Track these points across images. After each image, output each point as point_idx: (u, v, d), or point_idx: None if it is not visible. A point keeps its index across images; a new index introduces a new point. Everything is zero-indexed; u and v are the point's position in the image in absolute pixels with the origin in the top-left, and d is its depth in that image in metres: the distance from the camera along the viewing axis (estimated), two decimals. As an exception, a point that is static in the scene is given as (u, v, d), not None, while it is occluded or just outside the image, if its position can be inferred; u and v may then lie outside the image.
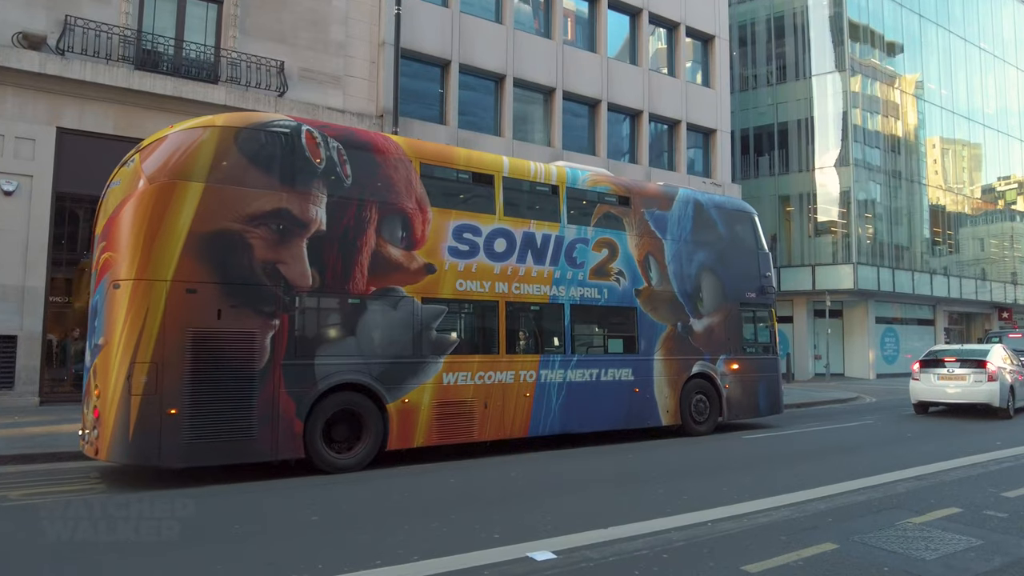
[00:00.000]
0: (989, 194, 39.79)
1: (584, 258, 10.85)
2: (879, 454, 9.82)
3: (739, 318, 12.79)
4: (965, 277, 34.39)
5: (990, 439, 11.11)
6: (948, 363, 14.59)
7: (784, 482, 7.65)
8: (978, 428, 12.78)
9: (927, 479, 7.90)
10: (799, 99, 30.05)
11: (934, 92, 34.91)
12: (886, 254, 29.85)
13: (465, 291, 9.61)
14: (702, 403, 12.00)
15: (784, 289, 29.33)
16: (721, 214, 12.95)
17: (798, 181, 29.87)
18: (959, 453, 9.61)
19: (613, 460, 9.52)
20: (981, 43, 37.67)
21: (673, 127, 23.82)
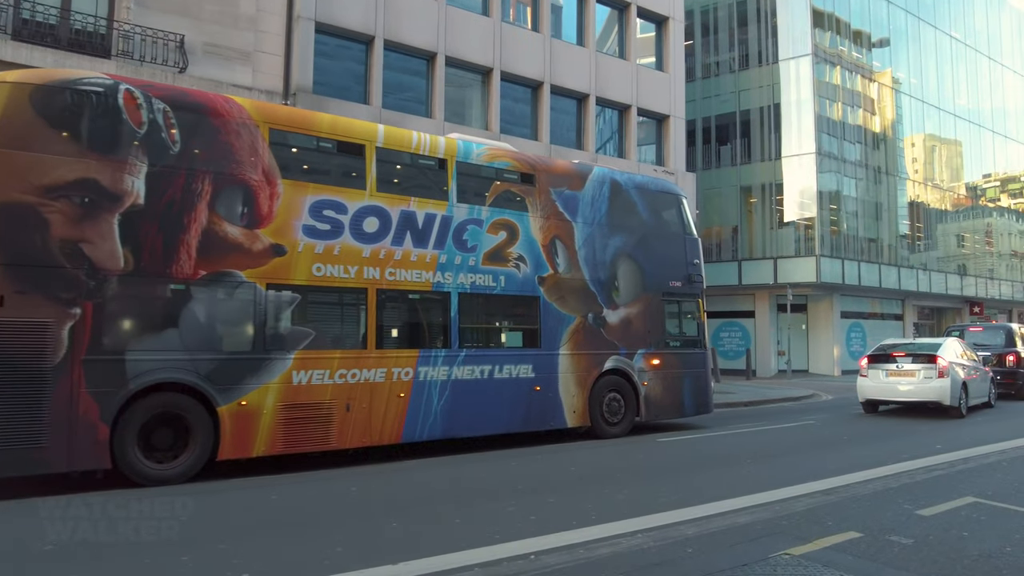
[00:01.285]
0: (970, 191, 39.08)
1: (477, 241, 9.60)
2: (798, 462, 8.65)
3: (662, 309, 11.60)
4: (935, 271, 33.45)
5: (931, 442, 9.99)
6: (898, 358, 13.48)
7: (665, 498, 6.44)
8: (924, 429, 11.67)
9: (837, 493, 6.73)
10: (762, 86, 28.96)
11: (913, 85, 34.04)
12: (851, 247, 28.83)
13: (324, 276, 8.33)
14: (616, 402, 10.79)
15: (746, 283, 28.35)
16: (643, 196, 11.75)
17: (761, 171, 28.78)
18: (890, 459, 8.46)
19: (486, 469, 8.27)
20: (952, 31, 36.79)
21: (623, 112, 22.63)
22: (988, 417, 13.46)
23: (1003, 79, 41.11)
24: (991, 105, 39.80)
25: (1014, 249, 41.82)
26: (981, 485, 7.12)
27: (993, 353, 17.60)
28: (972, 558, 4.82)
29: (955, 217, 37.79)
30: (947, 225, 36.95)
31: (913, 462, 8.29)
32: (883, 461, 8.31)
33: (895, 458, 8.54)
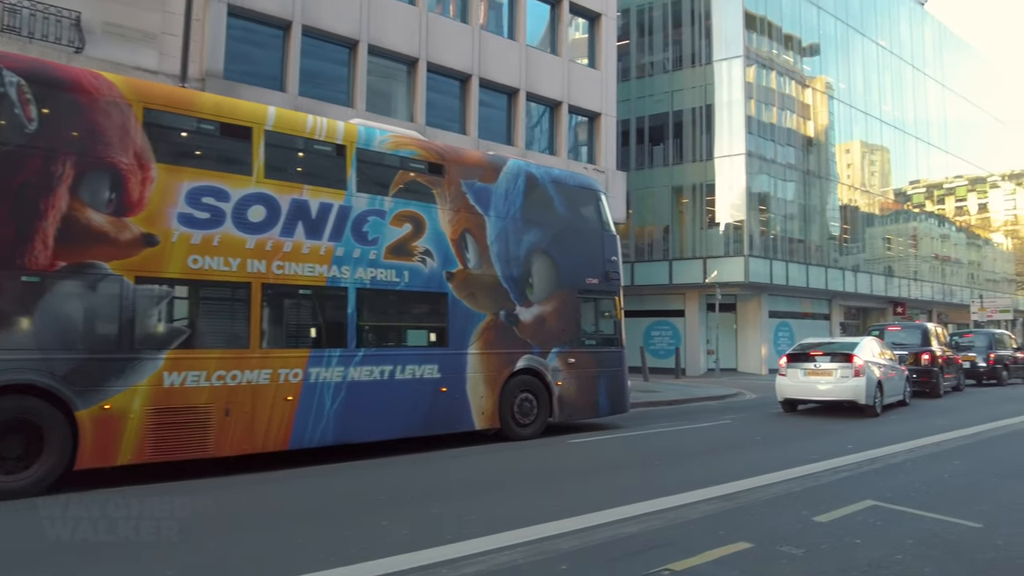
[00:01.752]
0: (898, 195, 40.34)
1: (379, 234, 9.05)
2: (706, 464, 8.40)
3: (578, 307, 11.26)
4: (860, 272, 34.30)
5: (844, 442, 9.88)
6: (815, 358, 13.48)
7: (556, 506, 6.04)
8: (838, 428, 11.63)
9: (738, 498, 6.45)
10: (695, 87, 29.13)
11: (843, 91, 34.83)
12: (780, 247, 29.26)
13: (202, 269, 7.67)
14: (528, 403, 10.39)
15: (676, 282, 28.47)
16: (560, 191, 11.39)
17: (693, 172, 28.95)
18: (799, 461, 8.27)
19: (371, 477, 7.73)
20: (879, 40, 37.84)
21: (554, 108, 22.34)
22: (902, 416, 13.57)
23: (926, 88, 42.54)
24: (915, 114, 41.12)
25: (936, 252, 43.35)
26: (883, 487, 6.96)
27: (910, 352, 17.92)
28: (861, 568, 4.55)
29: (883, 221, 38.97)
30: (875, 228, 38.07)
31: (821, 463, 8.11)
32: (792, 463, 8.11)
33: (804, 460, 8.35)
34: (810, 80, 32.96)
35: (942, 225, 44.69)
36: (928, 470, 8.00)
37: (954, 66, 46.16)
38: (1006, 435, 10.93)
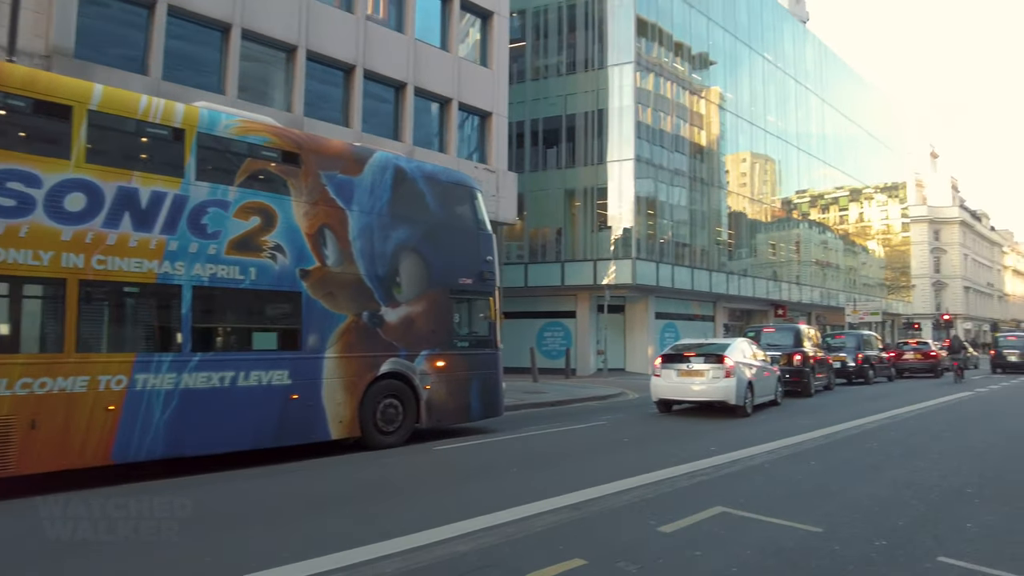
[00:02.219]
0: (784, 204, 42.30)
1: (221, 226, 8.30)
2: (566, 469, 8.15)
3: (450, 307, 10.85)
4: (742, 275, 35.62)
5: (708, 444, 9.90)
6: (689, 358, 13.63)
7: (393, 522, 5.58)
8: (707, 429, 11.74)
9: (587, 507, 6.20)
10: (588, 91, 29.37)
11: (732, 102, 36.07)
12: (668, 251, 29.93)
13: (4, 263, 6.74)
14: (393, 409, 9.88)
15: (568, 283, 28.57)
16: (433, 186, 10.94)
17: (585, 175, 29.16)
18: (660, 464, 8.15)
19: (194, 496, 7.04)
20: (765, 53, 39.52)
21: (444, 105, 21.88)
22: (771, 415, 13.91)
23: (808, 102, 44.81)
24: (798, 127, 43.21)
25: (817, 258, 45.75)
26: (736, 492, 6.89)
27: (783, 353, 18.55)
28: (693, 584, 4.34)
29: (769, 228, 40.78)
30: (762, 235, 39.79)
31: (681, 467, 8.02)
32: (652, 467, 7.98)
33: (666, 463, 8.25)
34: (702, 90, 34.00)
35: (823, 233, 47.22)
36: (784, 472, 8.05)
37: (833, 83, 48.91)
38: (862, 434, 11.32)
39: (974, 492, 7.01)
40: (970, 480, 7.57)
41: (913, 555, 4.97)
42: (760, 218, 39.42)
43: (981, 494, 6.93)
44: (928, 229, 72.20)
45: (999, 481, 7.62)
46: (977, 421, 13.29)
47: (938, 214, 74.01)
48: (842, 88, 50.46)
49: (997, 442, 10.50)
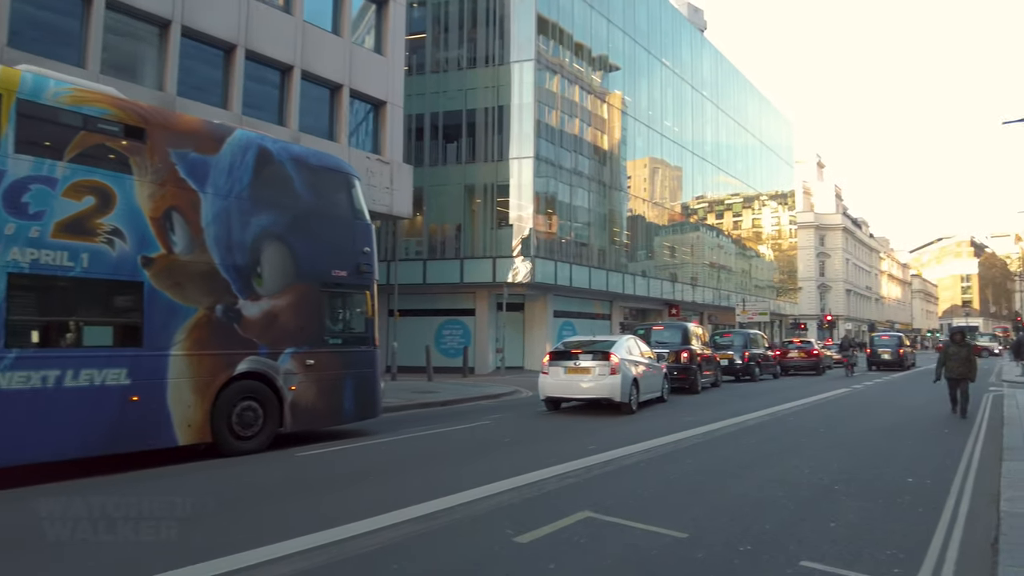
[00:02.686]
0: (684, 209, 43.51)
1: (45, 206, 7.27)
2: (433, 475, 7.62)
3: (320, 301, 10.09)
4: (641, 276, 36.21)
5: (588, 442, 9.61)
6: (576, 356, 13.40)
7: (212, 541, 4.88)
8: (590, 427, 11.50)
9: (444, 516, 5.69)
10: (488, 87, 28.98)
11: (633, 106, 36.66)
12: (566, 250, 29.95)
13: None
14: (251, 412, 9.05)
15: (467, 281, 28.09)
16: (303, 170, 10.15)
17: (485, 171, 28.77)
18: (535, 465, 7.75)
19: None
20: (664, 59, 40.36)
21: (335, 92, 20.91)
22: (656, 412, 13.87)
23: (704, 109, 46.17)
24: (694, 133, 44.44)
25: (711, 260, 47.30)
26: (606, 494, 6.58)
27: (671, 350, 18.74)
28: (539, 603, 3.90)
29: (668, 231, 41.90)
30: (661, 237, 40.83)
31: (554, 468, 7.65)
32: (525, 469, 7.57)
33: (541, 464, 7.86)
34: (604, 94, 34.34)
35: (718, 237, 48.93)
36: (658, 472, 7.82)
37: (729, 93, 50.70)
38: (742, 431, 11.37)
39: (842, 489, 6.98)
40: (840, 477, 7.56)
41: (776, 561, 4.74)
42: (659, 221, 40.41)
43: (848, 491, 6.90)
44: (814, 234, 76.18)
45: (866, 476, 7.65)
46: (852, 417, 13.69)
47: (824, 221, 78.22)
48: (737, 98, 52.40)
49: (868, 437, 10.74)
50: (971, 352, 13.51)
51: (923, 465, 8.32)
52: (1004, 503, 6.09)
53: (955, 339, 13.60)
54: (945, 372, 13.41)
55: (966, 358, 13.20)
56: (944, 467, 8.22)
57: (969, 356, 13.31)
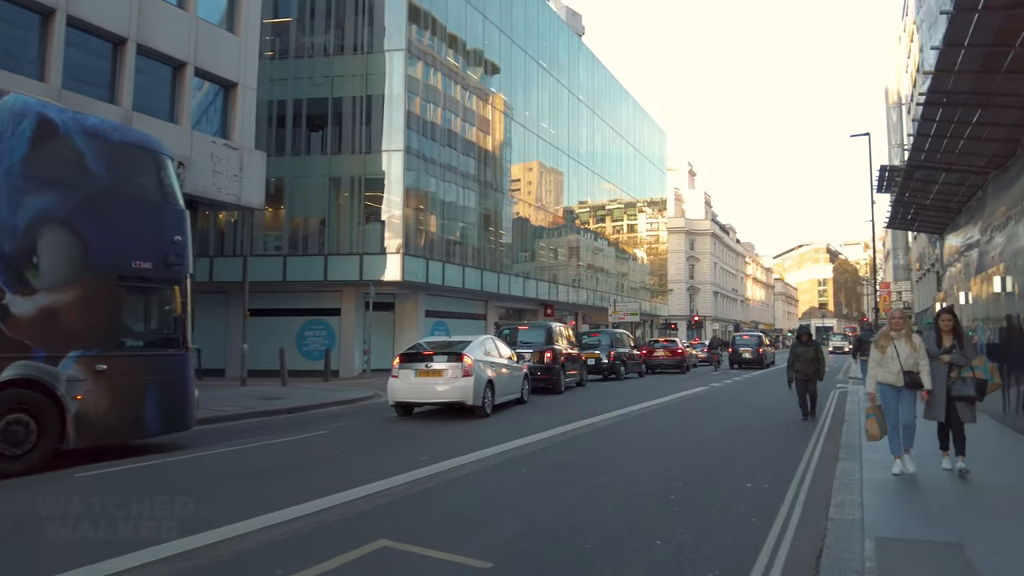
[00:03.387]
0: (567, 212, 44.06)
1: None
2: (230, 498, 6.58)
3: (116, 297, 8.74)
4: (514, 275, 35.90)
5: (424, 452, 8.84)
6: (428, 357, 12.62)
7: None
8: (434, 435, 10.74)
9: (205, 555, 4.71)
10: (356, 75, 27.64)
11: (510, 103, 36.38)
12: (438, 248, 29.09)
13: None
14: (19, 426, 7.63)
15: (332, 279, 26.66)
16: (98, 145, 8.76)
17: (352, 163, 27.40)
18: (349, 483, 6.88)
19: None
20: (540, 60, 40.32)
21: (177, 69, 19.07)
22: (511, 415, 13.31)
23: (580, 114, 46.62)
24: (569, 135, 44.73)
25: (590, 263, 48.01)
26: (415, 516, 5.81)
27: (535, 350, 18.34)
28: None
29: (550, 233, 42.13)
30: (543, 240, 41.05)
31: (370, 486, 6.79)
32: (337, 487, 6.68)
33: (362, 479, 7.00)
34: (486, 94, 33.81)
35: (597, 240, 49.83)
36: (486, 484, 7.15)
37: (605, 99, 51.57)
38: (592, 432, 10.98)
39: (677, 498, 6.56)
40: (677, 483, 7.17)
41: (584, 592, 4.12)
42: (541, 224, 40.60)
43: (684, 500, 6.49)
44: (685, 239, 79.25)
45: (705, 483, 7.30)
46: (704, 416, 13.68)
47: (694, 226, 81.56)
48: (613, 105, 53.46)
49: (715, 438, 10.60)
50: (819, 351, 13.24)
51: (764, 468, 8.11)
52: (833, 509, 5.84)
53: (801, 338, 13.39)
54: (794, 374, 13.07)
55: (813, 357, 12.96)
56: (784, 470, 8.04)
57: (817, 355, 13.05)
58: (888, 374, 7.26)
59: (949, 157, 12.46)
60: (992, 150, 11.48)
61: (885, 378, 7.30)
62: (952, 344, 7.26)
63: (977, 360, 7.21)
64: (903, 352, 7.20)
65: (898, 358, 7.20)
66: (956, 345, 7.25)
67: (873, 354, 7.46)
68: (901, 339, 7.27)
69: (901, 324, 7.37)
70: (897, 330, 7.34)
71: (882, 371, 7.33)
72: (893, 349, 7.26)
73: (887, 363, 7.28)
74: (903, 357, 7.18)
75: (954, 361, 7.14)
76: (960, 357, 7.16)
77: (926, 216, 19.02)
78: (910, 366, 7.15)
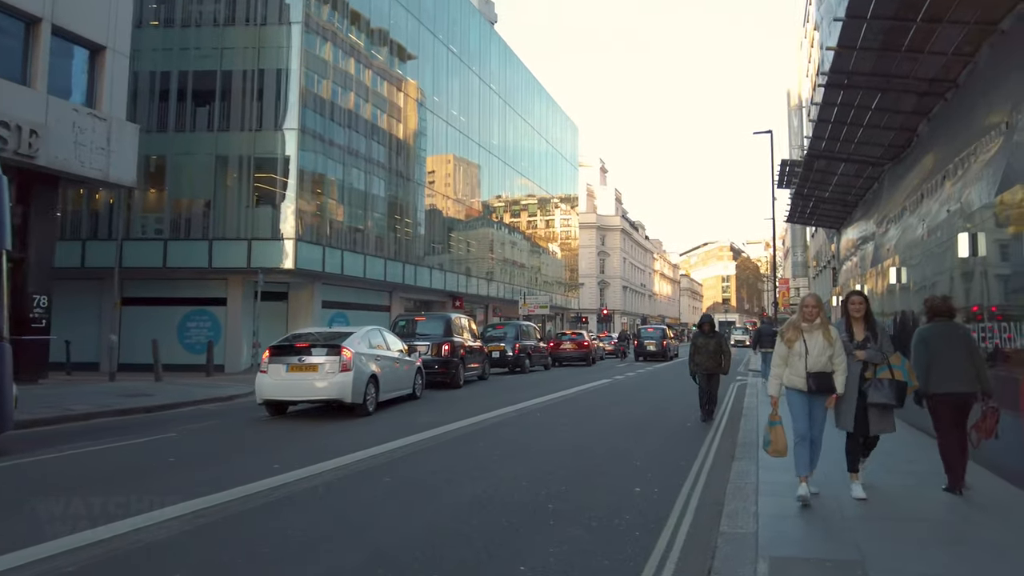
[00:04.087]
0: (484, 206, 43.29)
1: None
2: (21, 521, 5.34)
3: None
4: (421, 266, 34.71)
5: (279, 458, 7.71)
6: (302, 351, 11.41)
7: None
8: (300, 437, 9.63)
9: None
10: (248, 48, 25.70)
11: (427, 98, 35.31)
12: (337, 235, 27.56)
13: None
14: None
15: (217, 265, 24.73)
16: None
17: (242, 142, 25.44)
18: (182, 496, 5.74)
19: None
20: (451, 45, 39.15)
21: (31, 26, 16.91)
22: (396, 413, 12.29)
23: (492, 103, 45.70)
24: (481, 126, 43.74)
25: (505, 256, 47.48)
26: (231, 544, 4.77)
27: (432, 343, 17.37)
28: None
29: (466, 226, 41.30)
30: (460, 232, 40.20)
31: (194, 502, 5.65)
32: (153, 505, 5.52)
33: (185, 495, 5.85)
34: (399, 80, 32.44)
35: (512, 234, 49.30)
36: (334, 497, 6.14)
37: (518, 91, 50.85)
38: (481, 430, 10.15)
39: (557, 508, 5.76)
40: (560, 489, 6.39)
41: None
42: (457, 216, 39.97)
43: (564, 510, 5.70)
44: (596, 235, 79.89)
45: (590, 488, 6.56)
46: (601, 410, 13.09)
47: (605, 222, 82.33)
48: (526, 97, 52.86)
49: (609, 435, 9.96)
50: (722, 343, 11.89)
51: (656, 469, 7.45)
52: (725, 520, 5.16)
53: (703, 328, 12.02)
54: (695, 368, 11.80)
55: (716, 349, 11.65)
56: (677, 470, 7.40)
57: (720, 347, 11.72)
58: (795, 376, 5.77)
59: (848, 147, 12.28)
60: (889, 139, 11.32)
61: (792, 381, 5.80)
62: (865, 336, 5.92)
63: (894, 358, 5.88)
64: (814, 348, 5.70)
65: (806, 355, 5.71)
66: (869, 337, 5.91)
67: (779, 348, 5.94)
68: (814, 331, 5.76)
69: (815, 314, 5.83)
70: (809, 320, 5.81)
71: (789, 371, 5.82)
72: (802, 344, 5.75)
73: (794, 361, 5.78)
74: (813, 354, 5.69)
75: (869, 359, 5.82)
76: (876, 354, 5.82)
77: (824, 210, 19.19)
78: (820, 366, 5.69)
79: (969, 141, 7.89)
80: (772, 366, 6.09)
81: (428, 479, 6.78)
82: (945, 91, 8.86)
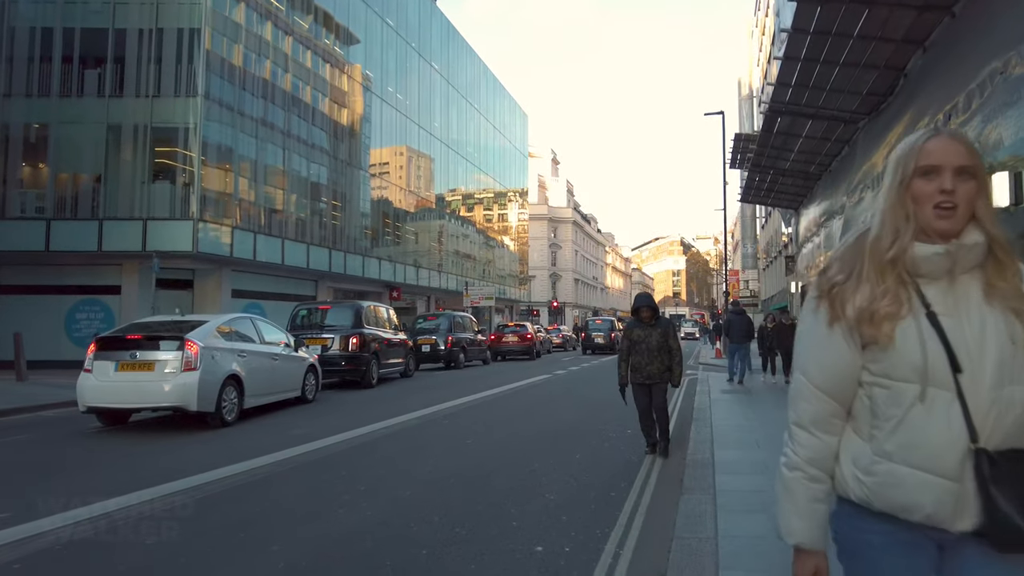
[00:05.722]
0: (438, 199, 41.83)
1: None
2: None
3: None
4: (351, 253, 32.10)
5: (70, 490, 5.27)
6: (134, 343, 8.90)
7: None
8: (116, 458, 7.17)
9: None
10: (144, 3, 22.74)
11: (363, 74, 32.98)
12: (251, 217, 24.80)
13: None
14: None
15: (109, 249, 21.80)
16: None
17: (137, 109, 22.45)
18: None
19: None
20: (387, 17, 36.48)
21: None
22: (270, 422, 9.87)
23: (433, 82, 43.12)
24: (420, 103, 41.20)
25: (456, 248, 45.29)
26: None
27: (339, 335, 14.95)
28: None
29: (414, 216, 39.40)
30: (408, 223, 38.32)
31: None
32: None
33: None
34: (303, 35, 29.53)
35: (465, 227, 47.21)
36: (126, 547, 3.78)
37: (461, 71, 48.36)
38: (370, 443, 7.89)
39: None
40: (414, 555, 4.12)
41: None
42: (405, 207, 38.16)
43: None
44: (548, 226, 77.99)
45: (457, 550, 4.31)
46: (527, 413, 10.91)
47: (556, 214, 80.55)
48: (471, 78, 50.48)
49: (529, 447, 7.75)
50: (669, 334, 7.44)
51: (575, 508, 5.25)
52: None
53: (642, 315, 7.41)
54: (630, 374, 7.37)
55: (659, 346, 7.28)
56: (604, 508, 5.23)
57: (666, 342, 7.34)
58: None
59: (818, 96, 10.27)
60: (870, 84, 9.34)
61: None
62: None
63: None
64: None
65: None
66: None
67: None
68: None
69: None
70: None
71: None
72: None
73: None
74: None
75: None
76: None
77: (783, 186, 17.33)
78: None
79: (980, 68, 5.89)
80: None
81: (269, 513, 4.54)
82: (952, 3, 6.84)
